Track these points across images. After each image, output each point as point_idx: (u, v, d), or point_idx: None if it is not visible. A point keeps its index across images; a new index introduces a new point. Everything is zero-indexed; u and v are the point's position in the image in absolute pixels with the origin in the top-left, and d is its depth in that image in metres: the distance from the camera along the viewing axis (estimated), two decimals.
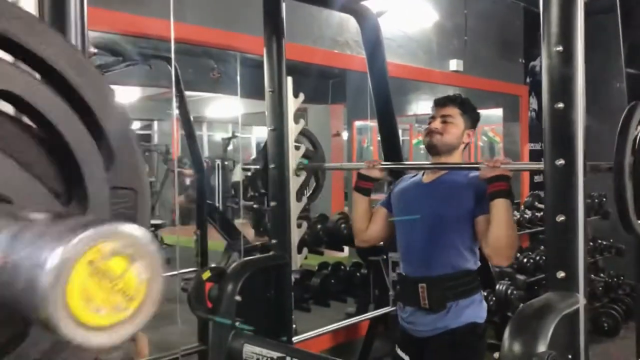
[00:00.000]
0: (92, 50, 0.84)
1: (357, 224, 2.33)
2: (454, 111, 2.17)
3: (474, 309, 2.10)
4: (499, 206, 1.88)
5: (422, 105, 7.42)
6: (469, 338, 2.07)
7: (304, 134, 2.68)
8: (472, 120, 2.21)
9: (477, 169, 2.00)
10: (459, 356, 2.07)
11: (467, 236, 2.08)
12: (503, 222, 1.89)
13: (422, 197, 2.16)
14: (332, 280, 4.14)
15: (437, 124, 2.16)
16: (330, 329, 3.17)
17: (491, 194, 1.91)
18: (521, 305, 1.75)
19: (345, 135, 7.98)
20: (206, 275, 2.25)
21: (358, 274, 4.34)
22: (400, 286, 2.28)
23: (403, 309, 2.20)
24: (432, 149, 2.18)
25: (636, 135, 1.47)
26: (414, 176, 2.30)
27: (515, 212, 4.68)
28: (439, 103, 2.21)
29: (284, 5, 2.35)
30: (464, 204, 2.05)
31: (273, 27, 2.34)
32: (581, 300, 1.26)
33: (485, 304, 2.17)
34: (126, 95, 6.23)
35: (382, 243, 2.49)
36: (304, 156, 2.53)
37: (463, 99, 2.24)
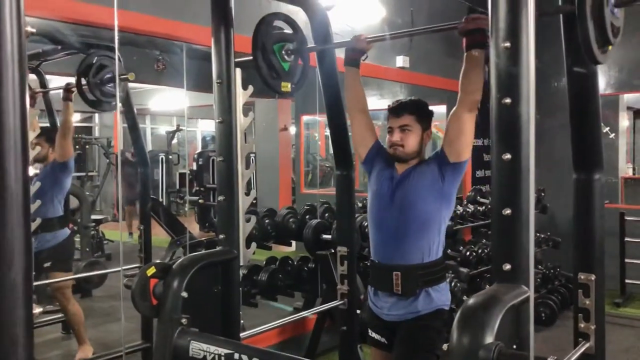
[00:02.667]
0: (30, 29, 0.78)
1: (350, 98, 2.53)
2: (409, 119, 2.33)
3: (441, 296, 2.31)
4: (475, 55, 2.05)
5: (369, 101, 7.48)
6: (436, 323, 2.28)
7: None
8: (428, 120, 2.38)
9: (455, 27, 2.11)
10: (427, 338, 2.26)
11: (436, 226, 2.28)
12: (475, 69, 2.07)
13: (395, 190, 2.33)
14: (280, 275, 4.13)
15: (397, 137, 2.33)
16: (278, 324, 3.14)
17: (468, 45, 2.06)
18: (464, 297, 1.82)
19: (293, 129, 7.95)
20: (151, 271, 2.18)
21: (306, 268, 4.35)
22: (373, 272, 2.44)
23: (375, 293, 2.40)
24: (398, 160, 2.36)
25: None
26: (393, 164, 2.41)
27: (458, 207, 4.79)
28: (394, 113, 2.36)
29: None
30: (432, 186, 2.25)
31: (221, 16, 2.29)
32: (531, 293, 1.29)
33: (449, 292, 2.39)
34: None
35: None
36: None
37: (416, 104, 2.38)
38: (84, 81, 3.50)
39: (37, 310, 0.89)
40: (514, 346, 1.34)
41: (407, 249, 2.28)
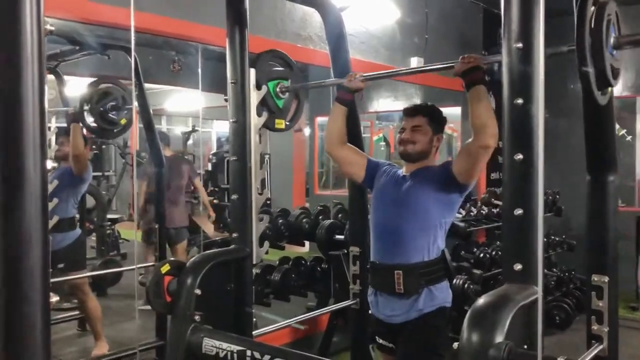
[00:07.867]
0: (49, 27, 0.81)
1: (331, 133, 2.48)
2: (422, 120, 2.35)
3: (443, 294, 2.31)
4: (477, 92, 2.06)
5: (383, 103, 7.48)
6: (438, 321, 2.28)
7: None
8: (440, 125, 2.40)
9: (452, 67, 2.13)
10: (429, 337, 2.26)
11: (436, 227, 2.27)
12: (482, 105, 2.05)
13: (400, 188, 2.33)
14: (293, 275, 4.13)
15: (408, 134, 2.34)
16: (290, 323, 3.16)
17: (467, 84, 2.07)
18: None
19: (307, 131, 7.96)
20: (165, 268, 2.21)
21: (319, 268, 4.35)
22: (373, 273, 2.41)
23: (375, 298, 2.37)
24: (407, 157, 2.36)
25: (591, 17, 1.55)
26: (398, 169, 2.44)
27: (472, 209, 4.77)
28: (408, 114, 2.38)
29: None
30: (437, 193, 2.25)
31: (236, 17, 2.32)
32: (539, 292, 1.29)
33: (450, 290, 2.37)
34: (83, 86, 6.07)
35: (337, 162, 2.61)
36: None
37: (430, 108, 2.41)
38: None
39: (54, 298, 0.91)
40: (525, 346, 1.34)
41: (408, 247, 2.26)
